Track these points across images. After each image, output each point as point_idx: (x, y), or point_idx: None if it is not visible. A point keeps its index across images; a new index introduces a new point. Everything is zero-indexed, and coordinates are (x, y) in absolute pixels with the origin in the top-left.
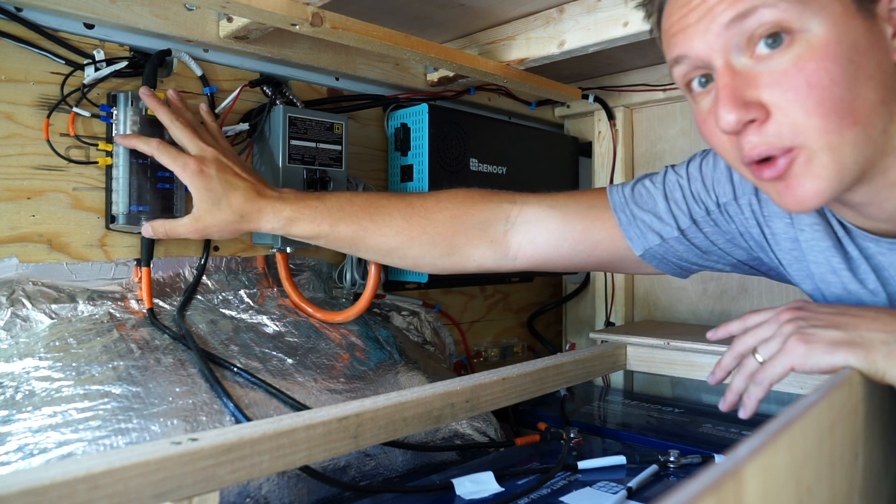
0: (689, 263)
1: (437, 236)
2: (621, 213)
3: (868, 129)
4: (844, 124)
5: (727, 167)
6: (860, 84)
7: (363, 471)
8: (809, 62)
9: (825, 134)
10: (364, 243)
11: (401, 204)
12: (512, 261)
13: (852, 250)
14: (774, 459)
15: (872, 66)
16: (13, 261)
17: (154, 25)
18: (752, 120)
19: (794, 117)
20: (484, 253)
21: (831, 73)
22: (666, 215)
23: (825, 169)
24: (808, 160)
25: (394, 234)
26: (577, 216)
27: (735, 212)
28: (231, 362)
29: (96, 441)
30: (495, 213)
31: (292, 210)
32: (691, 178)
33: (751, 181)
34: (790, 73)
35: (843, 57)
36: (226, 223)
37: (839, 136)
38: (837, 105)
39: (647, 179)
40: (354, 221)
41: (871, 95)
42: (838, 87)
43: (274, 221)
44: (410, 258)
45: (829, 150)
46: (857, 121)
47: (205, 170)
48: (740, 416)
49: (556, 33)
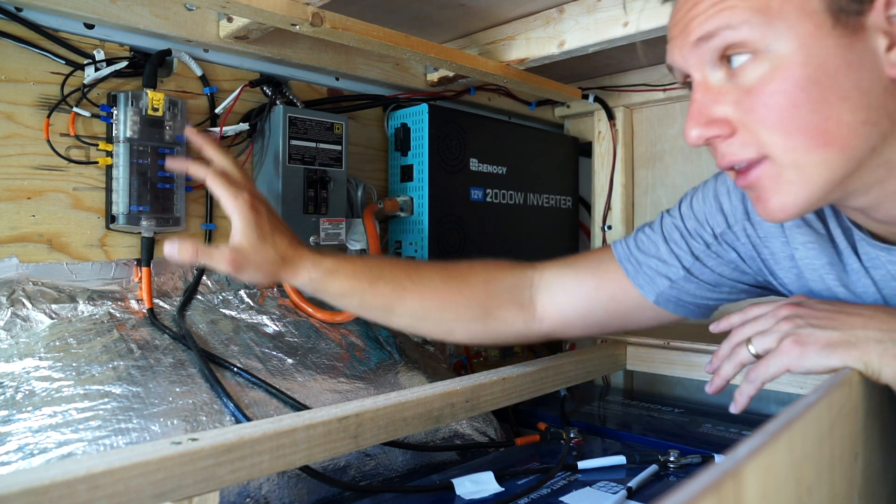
0: (705, 300)
1: (472, 299)
2: (627, 264)
3: (846, 150)
4: (812, 145)
5: (716, 199)
6: (830, 106)
7: (363, 471)
8: (770, 83)
9: (790, 151)
10: (402, 304)
11: (437, 267)
12: (539, 323)
13: (853, 263)
14: (774, 459)
15: (848, 87)
16: (13, 261)
17: (154, 25)
18: (717, 136)
19: (757, 135)
20: (516, 316)
21: (791, 96)
22: (669, 257)
23: (792, 185)
24: (777, 174)
25: (432, 295)
26: (588, 273)
27: (732, 239)
28: (231, 362)
29: (96, 441)
30: (521, 279)
31: (333, 262)
32: (685, 217)
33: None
34: (753, 91)
35: (805, 79)
36: (267, 262)
37: (806, 155)
38: (802, 126)
39: (646, 227)
40: (394, 280)
41: (847, 117)
42: (800, 109)
43: (313, 271)
44: (446, 322)
45: (795, 167)
46: (829, 142)
47: (256, 205)
48: (731, 411)
49: (556, 33)
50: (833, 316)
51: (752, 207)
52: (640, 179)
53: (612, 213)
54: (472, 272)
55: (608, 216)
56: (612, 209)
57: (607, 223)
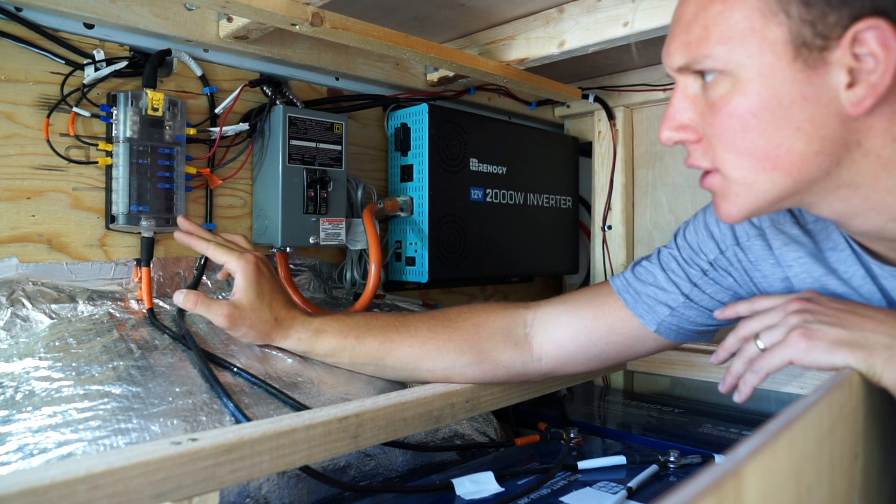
0: (705, 326)
1: (463, 343)
2: (626, 294)
3: (794, 175)
4: (760, 167)
5: (706, 227)
6: (783, 134)
7: (363, 471)
8: (728, 104)
9: (737, 169)
10: (391, 356)
11: (424, 317)
12: (538, 361)
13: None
14: (774, 459)
15: (802, 119)
16: (13, 261)
17: (154, 25)
18: (684, 140)
19: (714, 146)
20: (511, 356)
21: (743, 120)
22: (668, 285)
23: (738, 197)
24: (725, 186)
25: (420, 344)
26: (586, 305)
27: (726, 264)
28: (231, 362)
29: (96, 441)
30: (514, 319)
31: (321, 322)
32: (680, 247)
33: None
34: (715, 107)
35: (759, 106)
36: (261, 321)
37: (753, 174)
38: (751, 149)
39: (643, 260)
40: (381, 333)
41: (799, 147)
42: (751, 134)
43: (302, 332)
44: (440, 369)
45: (742, 183)
46: (777, 167)
47: (260, 267)
48: (735, 400)
49: (556, 33)
50: (844, 315)
51: (739, 232)
52: (640, 179)
53: (612, 213)
54: (460, 317)
55: (608, 216)
56: (612, 209)
57: (607, 223)
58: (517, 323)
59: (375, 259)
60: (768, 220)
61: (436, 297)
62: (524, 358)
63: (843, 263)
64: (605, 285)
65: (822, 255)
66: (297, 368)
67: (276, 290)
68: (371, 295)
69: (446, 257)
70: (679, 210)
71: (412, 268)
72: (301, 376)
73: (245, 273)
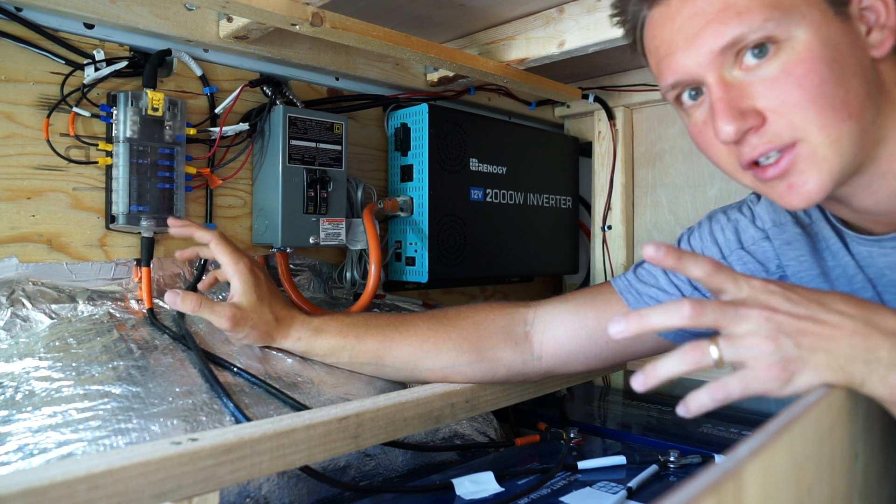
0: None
1: (462, 342)
2: (628, 294)
3: (861, 122)
4: (840, 118)
5: (710, 234)
6: (848, 80)
7: (363, 471)
8: (798, 66)
9: (824, 129)
10: (391, 354)
11: (424, 316)
12: (538, 360)
13: (846, 260)
14: (774, 459)
15: (855, 64)
16: (13, 261)
17: (154, 25)
18: (750, 128)
19: (790, 118)
20: (511, 355)
21: (820, 74)
22: (669, 287)
23: (827, 162)
24: (812, 154)
25: (420, 343)
26: (587, 305)
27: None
28: (231, 362)
29: (96, 441)
30: (513, 317)
31: (320, 321)
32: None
33: (752, 188)
34: (780, 79)
35: (828, 57)
36: (262, 322)
37: (838, 129)
38: (831, 101)
39: (644, 263)
40: (381, 332)
41: (860, 90)
42: (828, 86)
43: (302, 331)
44: (439, 368)
45: (829, 143)
46: (852, 114)
47: (256, 270)
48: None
49: (556, 33)
50: (818, 327)
51: (745, 237)
52: (640, 179)
53: (612, 213)
54: (460, 316)
55: (608, 216)
56: (612, 209)
57: (607, 223)
58: (517, 321)
59: (375, 259)
60: (770, 221)
61: (436, 297)
62: (524, 356)
63: (835, 258)
64: (607, 285)
65: (821, 254)
66: (297, 368)
67: (273, 290)
68: (371, 295)
69: (446, 257)
70: (679, 210)
71: (412, 268)
72: (301, 376)
73: (243, 277)
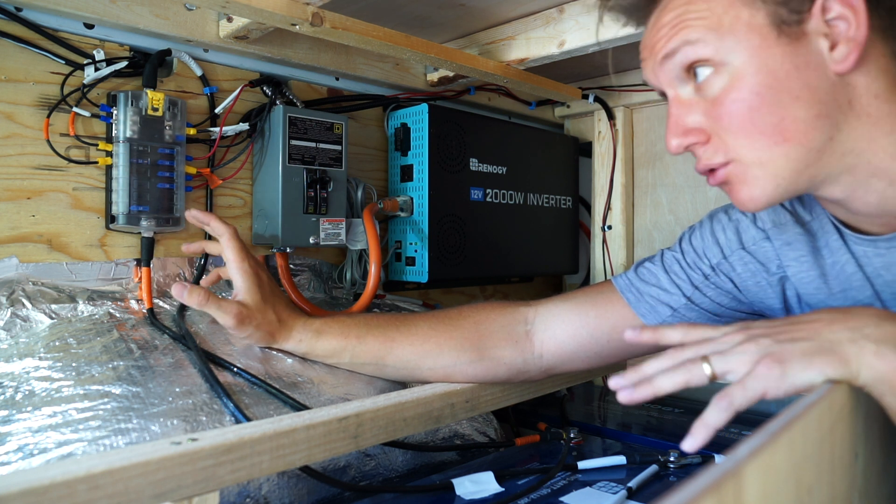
0: (703, 312)
1: (464, 341)
2: (629, 294)
3: (804, 143)
4: (773, 142)
5: (712, 234)
6: (785, 106)
7: (363, 471)
8: (731, 92)
9: (753, 151)
10: (392, 354)
11: (424, 316)
12: (539, 358)
13: (845, 259)
14: (774, 459)
15: (798, 87)
16: (13, 261)
17: (154, 25)
18: (695, 143)
19: (725, 139)
20: (512, 353)
21: (749, 102)
22: (670, 286)
23: (758, 180)
24: (742, 172)
25: (421, 343)
26: (589, 304)
27: (728, 269)
28: (231, 362)
29: (96, 441)
30: (514, 316)
31: (321, 323)
32: (684, 251)
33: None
34: (717, 101)
35: (759, 85)
36: (265, 322)
37: (768, 152)
38: (760, 127)
39: (646, 262)
40: (382, 332)
41: (801, 113)
42: (758, 112)
43: (303, 333)
44: (441, 367)
45: (759, 164)
46: (788, 138)
47: (260, 273)
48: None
49: (556, 33)
50: (796, 328)
51: (746, 238)
52: (640, 179)
53: (612, 213)
54: (461, 316)
55: (608, 216)
56: (612, 209)
57: (607, 223)
58: (518, 320)
59: (375, 259)
60: (770, 221)
61: (436, 297)
62: (525, 355)
63: (833, 255)
64: (608, 284)
65: (820, 251)
66: (297, 368)
67: (276, 292)
68: (371, 295)
69: (446, 257)
70: (679, 210)
71: (412, 268)
72: (301, 376)
73: (247, 276)
